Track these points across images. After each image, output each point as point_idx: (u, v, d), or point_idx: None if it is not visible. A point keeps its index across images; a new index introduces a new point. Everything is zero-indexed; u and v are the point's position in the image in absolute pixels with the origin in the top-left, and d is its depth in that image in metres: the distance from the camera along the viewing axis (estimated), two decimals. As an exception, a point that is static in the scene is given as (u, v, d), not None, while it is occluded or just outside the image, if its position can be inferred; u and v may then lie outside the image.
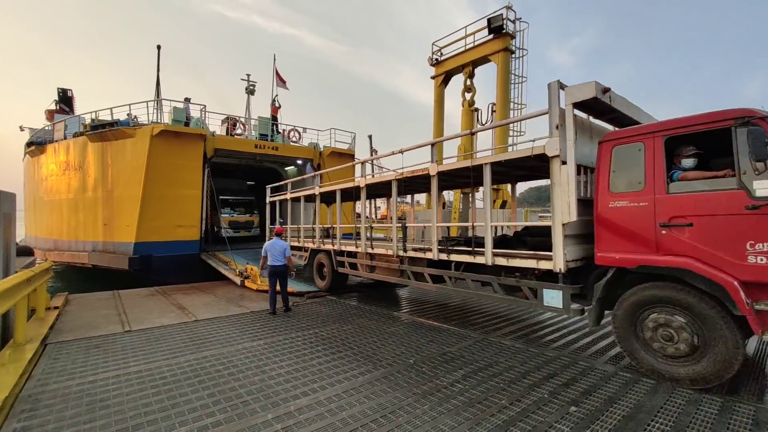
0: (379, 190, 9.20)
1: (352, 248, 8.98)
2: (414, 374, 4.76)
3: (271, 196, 13.26)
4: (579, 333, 6.50)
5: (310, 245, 10.66)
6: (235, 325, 7.10)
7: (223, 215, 17.79)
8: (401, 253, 7.58)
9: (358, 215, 13.22)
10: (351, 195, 9.72)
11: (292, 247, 10.56)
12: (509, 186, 15.33)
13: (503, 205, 15.27)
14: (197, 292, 10.47)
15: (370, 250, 8.34)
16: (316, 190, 10.41)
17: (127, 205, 13.23)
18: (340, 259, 9.40)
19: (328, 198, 11.16)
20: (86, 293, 10.24)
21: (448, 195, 18.52)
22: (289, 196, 11.85)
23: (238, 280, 11.13)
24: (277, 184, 13.52)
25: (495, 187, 15.23)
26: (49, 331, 6.64)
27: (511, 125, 15.59)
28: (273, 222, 13.41)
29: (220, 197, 17.98)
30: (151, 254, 12.89)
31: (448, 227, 12.58)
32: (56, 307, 8.17)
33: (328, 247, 9.76)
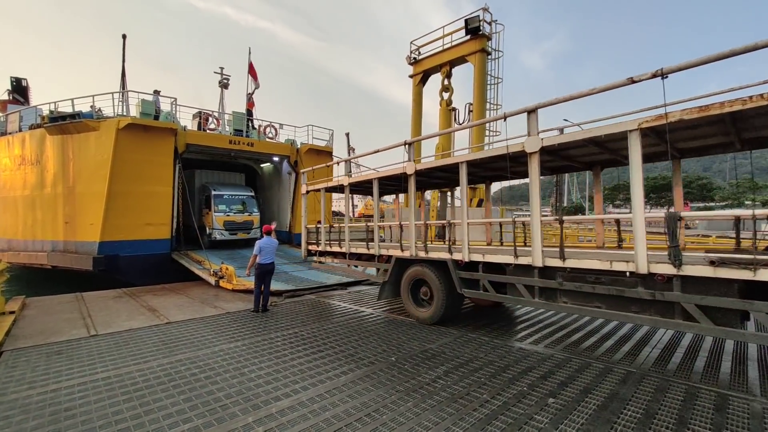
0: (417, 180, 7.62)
1: (507, 259, 5.74)
2: (396, 372, 4.77)
3: (309, 184, 10.59)
4: (554, 327, 6.73)
5: (396, 253, 7.50)
6: (210, 327, 6.86)
7: (216, 214, 15.45)
8: (667, 269, 4.25)
9: (337, 213, 12.87)
10: (379, 186, 8.07)
11: (323, 253, 9.56)
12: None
13: (480, 203, 15.56)
14: (169, 294, 10.05)
15: (556, 263, 5.13)
16: (346, 181, 8.76)
17: (90, 202, 12.49)
18: (469, 276, 6.29)
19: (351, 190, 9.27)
20: (46, 296, 9.60)
21: (426, 194, 18.65)
22: (323, 186, 9.77)
23: (212, 280, 10.76)
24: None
25: (471, 186, 15.51)
26: (5, 338, 6.17)
27: (487, 125, 15.89)
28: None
29: (214, 193, 15.86)
30: (117, 254, 12.25)
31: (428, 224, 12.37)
32: (12, 312, 7.61)
33: (441, 255, 6.65)
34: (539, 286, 5.42)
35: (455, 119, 17.37)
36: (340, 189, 9.48)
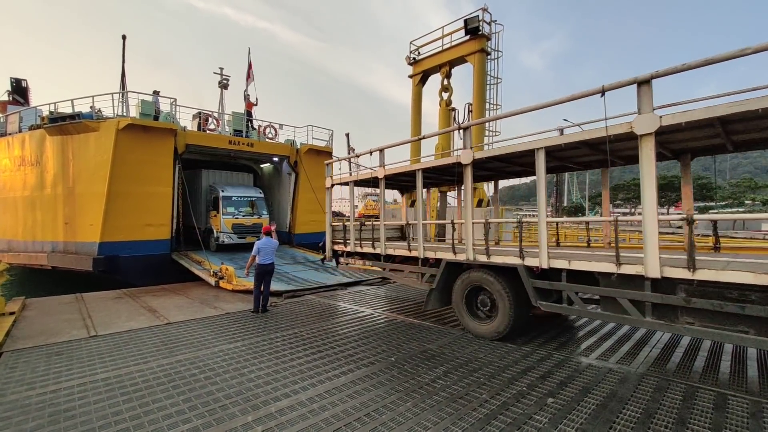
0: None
1: (605, 267, 4.77)
2: (396, 372, 4.77)
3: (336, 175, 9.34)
4: (553, 327, 6.73)
5: (447, 256, 6.57)
6: (210, 327, 6.87)
7: (224, 217, 14.89)
8: None
9: (337, 214, 12.33)
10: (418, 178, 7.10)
11: (352, 254, 8.85)
12: (485, 185, 15.69)
13: (479, 204, 15.57)
14: (168, 294, 10.05)
15: (680, 274, 4.20)
16: (381, 173, 7.73)
17: (90, 202, 12.50)
18: (549, 286, 5.35)
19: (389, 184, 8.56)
20: (46, 297, 9.61)
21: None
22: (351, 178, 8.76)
23: (212, 280, 10.76)
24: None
25: (474, 187, 15.50)
26: (5, 339, 6.18)
27: (486, 125, 15.89)
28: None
29: (222, 194, 15.25)
30: (117, 254, 12.25)
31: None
32: (12, 313, 7.61)
33: (509, 261, 5.73)
34: (653, 302, 4.41)
35: (455, 119, 17.37)
36: (371, 182, 8.70)
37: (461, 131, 6.33)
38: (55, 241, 13.36)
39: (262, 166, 19.47)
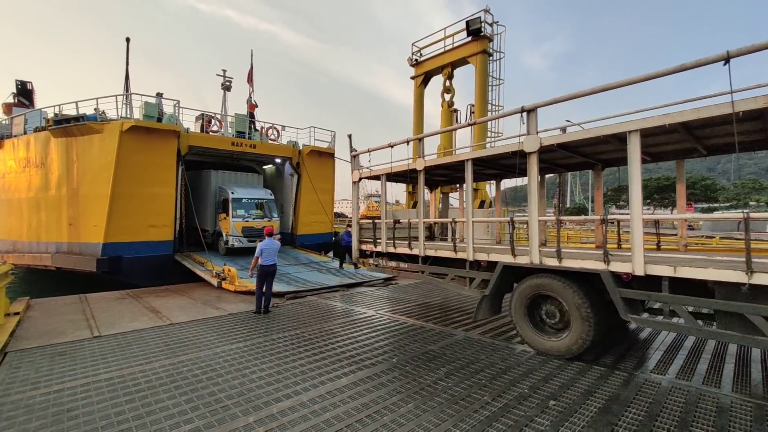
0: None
1: (728, 276, 3.95)
2: (397, 373, 4.77)
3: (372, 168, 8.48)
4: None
5: (504, 259, 5.85)
6: (213, 328, 6.89)
7: (234, 220, 14.30)
8: None
9: (339, 215, 12.16)
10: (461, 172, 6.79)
11: (378, 254, 8.28)
12: (487, 185, 15.67)
13: (481, 205, 15.54)
14: (171, 295, 10.09)
15: None
16: (421, 164, 7.10)
17: (94, 203, 12.58)
18: (643, 297, 4.66)
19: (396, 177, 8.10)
20: (50, 297, 9.67)
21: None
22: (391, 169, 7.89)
23: (215, 281, 10.80)
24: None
25: (473, 187, 15.48)
26: (9, 339, 6.23)
27: (489, 125, 15.88)
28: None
29: (232, 196, 14.62)
30: (120, 255, 12.32)
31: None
32: (17, 313, 7.67)
33: (589, 265, 4.95)
34: None
35: (457, 120, 17.37)
36: (405, 176, 8.10)
37: (523, 114, 5.45)
38: (60, 242, 13.44)
39: (264, 167, 19.53)
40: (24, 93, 20.79)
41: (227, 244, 14.44)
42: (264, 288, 8.03)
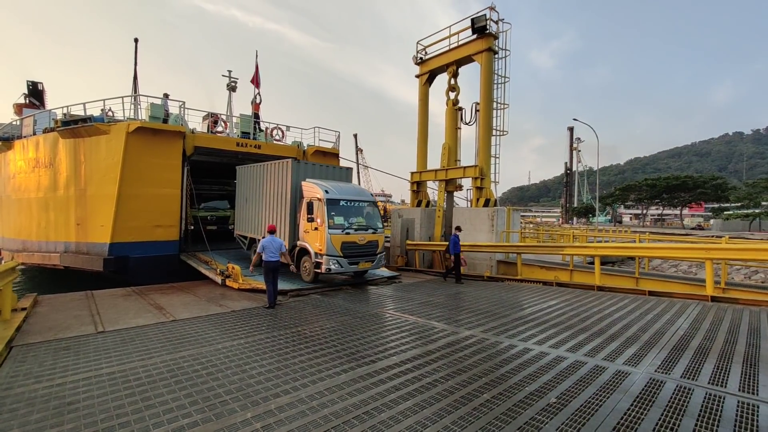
0: None
1: None
2: (397, 371, 4.73)
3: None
4: (559, 327, 6.62)
5: None
6: (215, 325, 6.92)
7: (332, 232, 10.27)
8: None
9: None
10: None
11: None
12: (492, 184, 15.56)
13: (486, 203, 15.44)
14: (176, 292, 10.17)
15: None
16: None
17: (101, 204, 12.74)
18: None
19: None
20: (57, 294, 9.81)
21: (432, 194, 18.57)
22: None
23: (219, 279, 10.87)
24: None
25: (478, 185, 15.39)
26: (15, 333, 6.32)
27: (494, 124, 15.79)
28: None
29: (327, 198, 10.38)
30: (127, 255, 12.46)
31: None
32: (24, 309, 7.79)
33: None
34: None
35: (462, 119, 17.30)
36: None
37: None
38: (68, 241, 13.62)
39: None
40: (35, 93, 21.16)
41: (318, 267, 10.18)
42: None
